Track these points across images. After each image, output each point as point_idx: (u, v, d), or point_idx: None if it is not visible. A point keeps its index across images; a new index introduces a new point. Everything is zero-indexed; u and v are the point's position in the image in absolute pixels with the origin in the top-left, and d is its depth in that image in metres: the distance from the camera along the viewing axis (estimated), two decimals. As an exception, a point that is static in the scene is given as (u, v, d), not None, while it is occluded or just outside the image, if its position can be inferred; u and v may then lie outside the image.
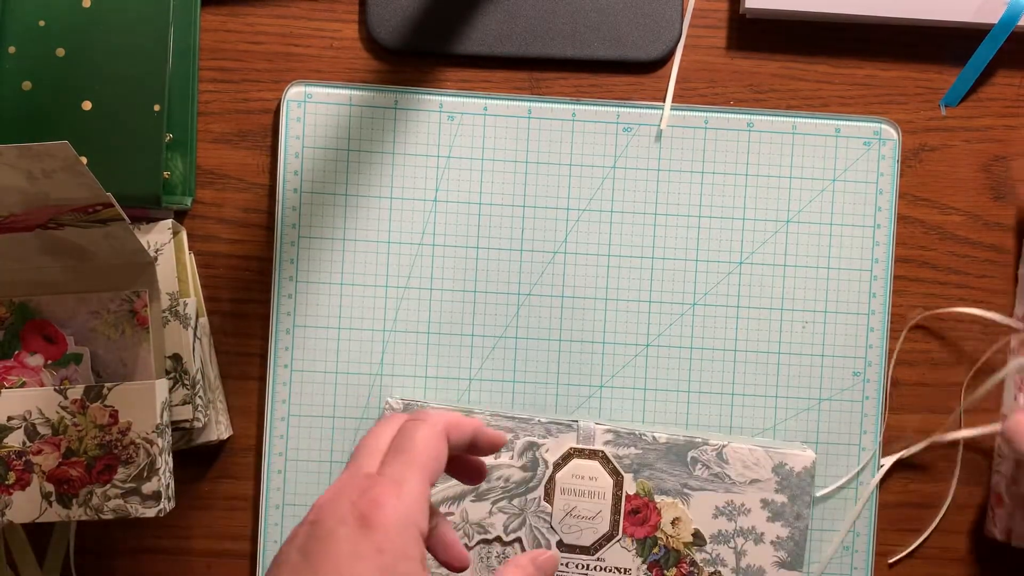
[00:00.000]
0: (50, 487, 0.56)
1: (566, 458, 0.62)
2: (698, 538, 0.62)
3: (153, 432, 0.56)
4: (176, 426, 0.59)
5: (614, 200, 0.64)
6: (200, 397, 0.60)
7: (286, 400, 0.63)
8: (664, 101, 0.64)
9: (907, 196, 0.65)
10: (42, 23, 0.60)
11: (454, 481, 0.61)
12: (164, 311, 0.59)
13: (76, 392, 0.56)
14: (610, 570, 0.61)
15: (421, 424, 0.43)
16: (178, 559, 0.64)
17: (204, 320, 0.63)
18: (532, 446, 0.62)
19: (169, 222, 0.61)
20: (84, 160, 0.60)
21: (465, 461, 0.48)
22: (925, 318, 0.65)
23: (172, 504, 0.58)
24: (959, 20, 0.63)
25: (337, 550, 0.39)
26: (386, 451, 0.43)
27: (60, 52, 0.61)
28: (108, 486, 0.56)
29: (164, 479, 0.57)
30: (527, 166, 0.64)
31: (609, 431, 0.62)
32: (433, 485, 0.42)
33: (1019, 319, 0.63)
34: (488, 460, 0.61)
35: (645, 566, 0.61)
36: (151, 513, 0.56)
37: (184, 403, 0.59)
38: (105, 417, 0.56)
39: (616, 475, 0.61)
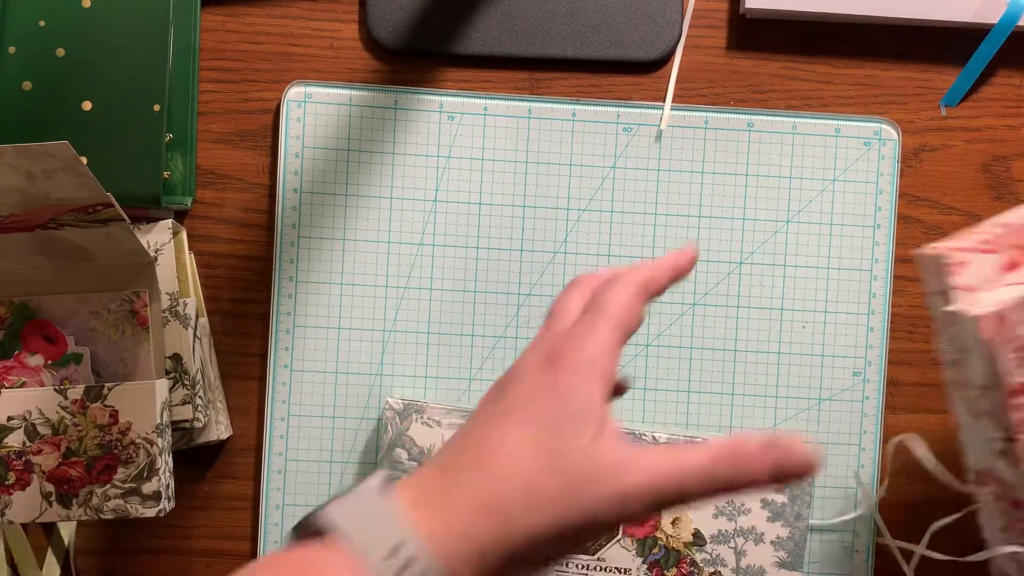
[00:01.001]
0: (50, 487, 0.56)
1: (566, 458, 0.62)
2: (698, 538, 0.61)
3: (153, 432, 0.56)
4: (176, 426, 0.59)
5: (614, 200, 0.64)
6: (200, 397, 0.60)
7: (286, 400, 0.63)
8: (664, 101, 0.64)
9: (907, 196, 0.65)
10: (42, 23, 0.60)
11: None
12: (164, 311, 0.59)
13: (76, 392, 0.56)
14: (610, 570, 0.61)
15: (616, 285, 0.43)
16: (178, 559, 0.64)
17: (204, 320, 0.63)
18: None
19: (169, 222, 0.61)
20: (84, 160, 0.60)
21: None
22: (923, 317, 0.65)
23: (172, 504, 0.58)
24: (959, 20, 0.63)
25: (518, 388, 0.41)
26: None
27: (60, 52, 0.60)
28: (108, 486, 0.56)
29: (164, 479, 0.57)
30: (527, 166, 0.64)
31: (609, 431, 0.62)
32: (626, 341, 0.43)
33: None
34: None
35: (645, 566, 0.61)
36: (151, 513, 0.56)
37: (184, 403, 0.59)
38: (105, 417, 0.56)
39: (616, 475, 0.61)
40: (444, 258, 0.64)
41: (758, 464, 0.39)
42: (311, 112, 0.63)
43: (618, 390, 0.47)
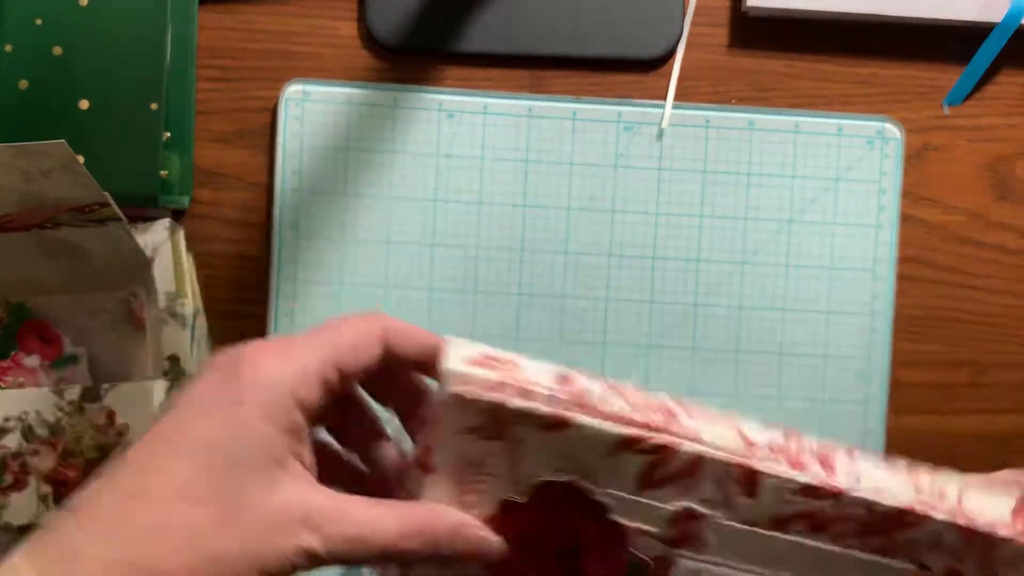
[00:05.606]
0: (47, 489, 0.56)
1: (567, 459, 0.61)
2: (700, 540, 0.61)
3: (151, 433, 0.56)
4: (174, 427, 0.59)
5: (615, 199, 0.64)
6: (198, 398, 0.59)
7: (285, 401, 0.63)
8: (665, 100, 0.64)
9: (910, 195, 0.64)
10: (39, 21, 0.60)
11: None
12: (161, 311, 0.59)
13: (73, 393, 0.56)
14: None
15: (361, 315, 0.38)
16: (176, 561, 0.63)
17: (202, 320, 0.62)
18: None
19: (166, 221, 0.60)
20: (81, 159, 0.59)
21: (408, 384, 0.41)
22: (927, 318, 0.64)
23: (170, 506, 0.57)
24: (962, 19, 0.63)
25: (193, 395, 0.35)
26: None
27: (57, 50, 0.60)
28: (105, 488, 0.56)
29: (162, 481, 0.56)
30: (527, 165, 0.63)
31: (610, 432, 0.61)
32: (348, 378, 0.37)
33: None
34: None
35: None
36: (149, 515, 0.56)
37: (182, 404, 0.59)
38: (102, 418, 0.56)
39: (617, 476, 0.61)
40: (444, 258, 0.63)
41: (445, 546, 0.37)
42: (310, 111, 0.63)
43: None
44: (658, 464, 0.37)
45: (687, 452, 0.37)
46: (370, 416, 0.42)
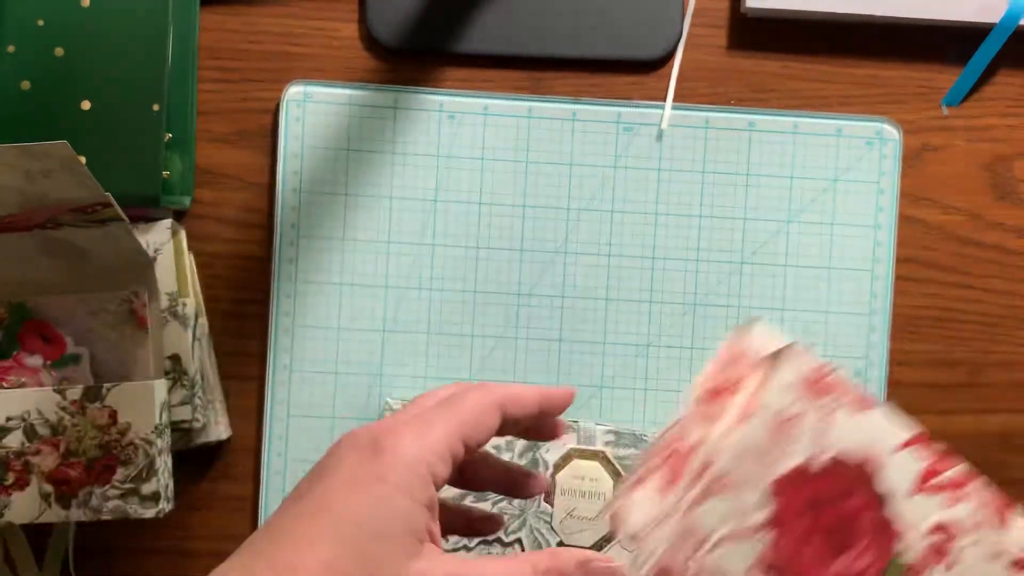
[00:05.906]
0: (49, 488, 0.56)
1: (566, 459, 0.61)
2: (699, 539, 0.61)
3: (152, 433, 0.56)
4: (175, 427, 0.59)
5: (615, 200, 0.64)
6: (199, 397, 0.60)
7: (285, 400, 0.63)
8: (665, 101, 0.64)
9: (909, 196, 0.65)
10: (41, 22, 0.60)
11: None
12: (163, 311, 0.59)
13: (75, 393, 0.56)
14: (611, 571, 0.61)
15: (477, 389, 0.42)
16: (178, 560, 0.64)
17: (203, 320, 0.62)
18: (532, 447, 0.61)
19: (168, 222, 0.61)
20: (83, 160, 0.59)
21: (540, 424, 0.47)
22: (925, 318, 0.64)
23: (171, 505, 0.58)
24: (961, 20, 0.63)
25: (337, 475, 0.38)
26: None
27: (59, 51, 0.60)
28: (107, 487, 0.56)
29: (163, 480, 0.56)
30: (527, 166, 0.64)
31: (610, 431, 0.62)
32: (470, 451, 0.40)
33: None
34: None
35: (646, 567, 0.61)
36: (150, 514, 0.56)
37: (183, 404, 0.59)
38: (104, 418, 0.56)
39: (617, 476, 0.61)
40: (444, 258, 0.63)
41: None
42: (311, 112, 0.63)
43: (486, 526, 0.48)
44: (935, 471, 0.41)
45: (958, 465, 0.41)
46: (498, 464, 0.48)
